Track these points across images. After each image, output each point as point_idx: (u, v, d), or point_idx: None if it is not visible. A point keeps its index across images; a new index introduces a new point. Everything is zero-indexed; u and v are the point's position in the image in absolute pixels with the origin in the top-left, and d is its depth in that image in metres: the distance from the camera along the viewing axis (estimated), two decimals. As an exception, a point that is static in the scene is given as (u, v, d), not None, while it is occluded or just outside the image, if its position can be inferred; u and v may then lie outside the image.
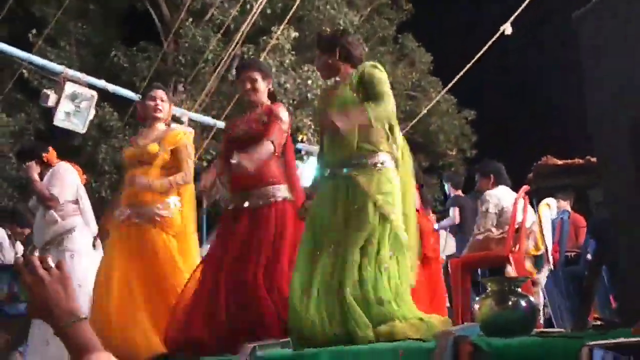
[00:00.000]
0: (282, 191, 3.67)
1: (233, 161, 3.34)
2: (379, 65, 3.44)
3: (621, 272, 2.53)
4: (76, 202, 4.56)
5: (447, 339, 2.47)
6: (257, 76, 3.86)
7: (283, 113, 3.77)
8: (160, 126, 4.26)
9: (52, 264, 1.35)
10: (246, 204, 3.66)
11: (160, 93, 4.29)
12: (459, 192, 7.39)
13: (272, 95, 3.92)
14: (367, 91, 3.33)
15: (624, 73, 2.53)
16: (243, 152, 3.44)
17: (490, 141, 15.14)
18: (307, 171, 7.89)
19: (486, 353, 2.42)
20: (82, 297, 3.85)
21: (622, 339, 1.81)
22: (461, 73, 10.41)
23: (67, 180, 4.57)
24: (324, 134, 3.55)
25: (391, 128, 3.39)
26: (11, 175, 11.12)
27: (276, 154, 3.68)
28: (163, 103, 4.25)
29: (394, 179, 3.31)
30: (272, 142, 3.58)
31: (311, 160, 8.34)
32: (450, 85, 11.30)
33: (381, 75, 3.37)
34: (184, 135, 4.22)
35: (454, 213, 6.96)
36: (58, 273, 1.35)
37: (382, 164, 3.28)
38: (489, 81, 13.72)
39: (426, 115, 12.61)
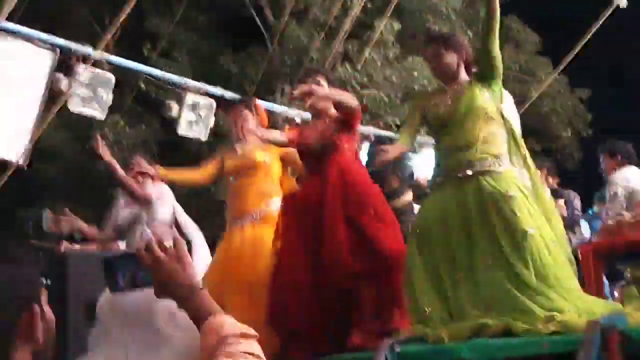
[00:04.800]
0: None
1: None
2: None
3: None
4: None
5: (594, 329, 2.43)
6: (322, 80, 3.93)
7: None
8: (254, 138, 4.27)
9: (169, 244, 1.47)
10: None
11: (239, 108, 4.34)
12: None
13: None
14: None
15: None
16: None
17: (607, 120, 14.48)
18: (420, 163, 7.87)
19: (636, 342, 2.37)
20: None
21: None
22: (571, 54, 10.05)
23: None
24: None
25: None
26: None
27: None
28: (246, 122, 4.27)
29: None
30: None
31: (424, 152, 8.26)
32: (560, 66, 10.94)
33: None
34: None
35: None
36: (174, 251, 1.46)
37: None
38: (603, 57, 13.12)
39: (537, 98, 12.23)
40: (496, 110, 3.40)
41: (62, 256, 5.16)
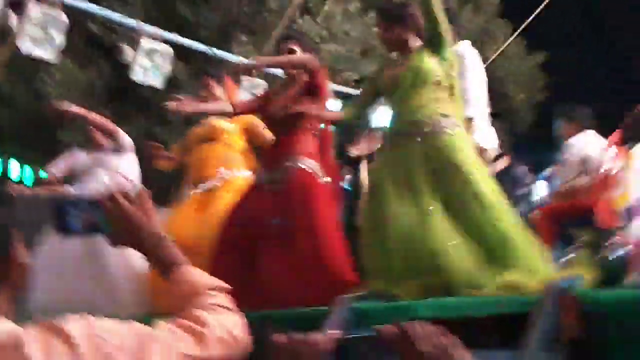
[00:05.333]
0: None
1: None
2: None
3: None
4: None
5: (550, 291, 2.47)
6: (295, 47, 3.85)
7: None
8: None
9: (132, 193, 1.45)
10: None
11: (207, 79, 4.39)
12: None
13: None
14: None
15: None
16: None
17: (562, 85, 14.68)
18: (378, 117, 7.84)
19: (590, 304, 2.41)
20: None
21: None
22: (531, 18, 10.07)
23: None
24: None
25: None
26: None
27: None
28: (211, 88, 4.32)
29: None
30: None
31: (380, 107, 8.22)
32: (519, 30, 10.96)
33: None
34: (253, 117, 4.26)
35: None
36: (138, 201, 1.44)
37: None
38: (563, 22, 13.22)
39: (494, 60, 12.28)
40: (445, 76, 3.41)
41: (9, 198, 5.02)
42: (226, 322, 1.28)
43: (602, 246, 3.27)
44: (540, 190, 6.76)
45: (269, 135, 4.10)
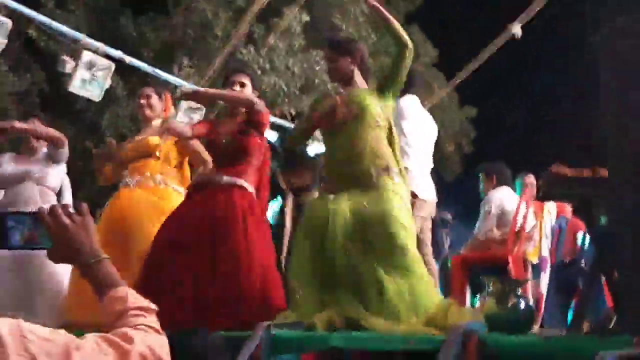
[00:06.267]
0: None
1: None
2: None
3: (623, 284, 2.67)
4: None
5: (457, 332, 2.62)
6: (247, 81, 3.93)
7: None
8: (156, 123, 4.29)
9: (72, 210, 1.47)
10: None
11: (147, 90, 4.34)
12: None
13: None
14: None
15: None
16: None
17: (489, 140, 15.30)
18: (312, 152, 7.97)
19: (493, 349, 2.57)
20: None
21: (632, 351, 1.95)
22: (463, 74, 10.48)
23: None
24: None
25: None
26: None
27: None
28: (149, 100, 4.29)
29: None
30: None
31: (315, 144, 8.39)
32: (452, 83, 11.39)
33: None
34: None
35: None
36: (80, 218, 1.46)
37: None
38: (494, 80, 13.82)
39: (428, 109, 12.67)
40: (386, 122, 3.53)
41: None
42: (151, 342, 1.32)
43: (512, 295, 3.44)
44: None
45: (203, 150, 4.16)
